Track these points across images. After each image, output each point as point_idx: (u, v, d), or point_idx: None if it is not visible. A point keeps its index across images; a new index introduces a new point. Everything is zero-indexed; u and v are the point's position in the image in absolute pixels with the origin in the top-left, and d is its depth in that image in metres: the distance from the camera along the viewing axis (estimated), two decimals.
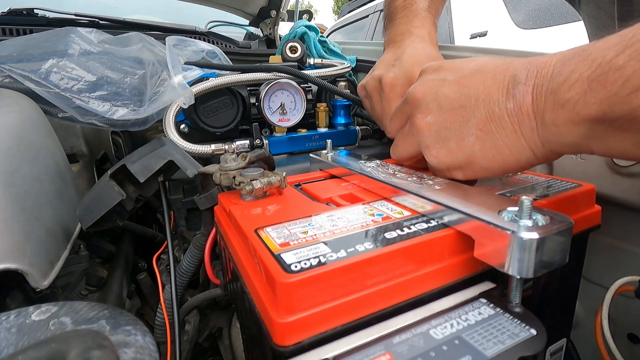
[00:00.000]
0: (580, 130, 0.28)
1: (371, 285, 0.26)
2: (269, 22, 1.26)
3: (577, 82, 0.27)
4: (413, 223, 0.31)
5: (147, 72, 0.63)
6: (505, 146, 0.34)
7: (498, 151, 0.34)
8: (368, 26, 3.41)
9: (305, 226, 0.31)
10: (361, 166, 0.44)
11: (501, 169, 0.35)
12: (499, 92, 0.33)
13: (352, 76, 0.91)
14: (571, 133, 0.29)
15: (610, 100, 0.25)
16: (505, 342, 0.24)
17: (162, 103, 0.59)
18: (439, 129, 0.38)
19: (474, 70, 0.37)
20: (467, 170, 0.37)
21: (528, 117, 0.32)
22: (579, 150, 0.31)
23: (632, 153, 0.27)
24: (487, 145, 0.34)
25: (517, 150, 0.33)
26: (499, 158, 0.34)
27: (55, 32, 0.64)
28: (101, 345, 0.24)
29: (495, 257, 0.27)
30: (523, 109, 0.32)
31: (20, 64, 0.58)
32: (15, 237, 0.39)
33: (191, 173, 0.45)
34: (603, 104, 0.26)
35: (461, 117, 0.36)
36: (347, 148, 0.71)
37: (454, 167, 0.37)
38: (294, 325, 0.23)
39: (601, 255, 0.51)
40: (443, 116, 0.37)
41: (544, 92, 0.30)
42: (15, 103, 0.51)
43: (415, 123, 0.40)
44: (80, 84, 0.59)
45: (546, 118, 0.30)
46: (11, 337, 0.30)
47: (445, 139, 0.37)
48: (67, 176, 0.55)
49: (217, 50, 0.77)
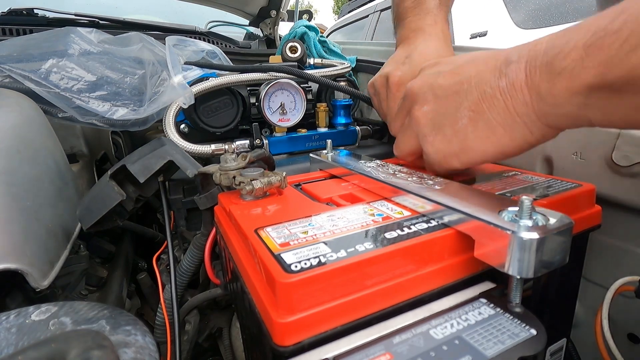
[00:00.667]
0: (579, 98, 0.28)
1: (371, 285, 0.26)
2: (269, 22, 1.26)
3: (573, 50, 0.27)
4: (413, 223, 0.31)
5: (147, 72, 0.63)
6: (499, 125, 0.34)
7: (491, 131, 0.34)
8: (368, 26, 3.41)
9: (305, 226, 0.31)
10: (361, 166, 0.44)
11: (497, 151, 0.35)
12: (491, 74, 0.34)
13: (352, 76, 0.91)
14: (569, 102, 0.29)
15: (608, 63, 0.25)
16: (505, 342, 0.24)
17: (162, 103, 0.59)
18: (434, 117, 0.38)
19: (468, 59, 0.37)
20: (462, 156, 0.37)
21: (521, 92, 0.32)
22: (577, 123, 0.30)
23: (633, 118, 0.27)
24: (480, 126, 0.35)
25: (510, 127, 0.33)
26: (493, 138, 0.34)
27: (55, 32, 0.64)
28: (101, 345, 0.24)
29: (496, 257, 0.27)
30: (516, 85, 0.32)
31: (20, 64, 0.58)
32: (15, 237, 0.39)
33: (191, 173, 0.45)
34: (600, 66, 0.26)
35: (455, 103, 0.36)
36: (347, 148, 0.71)
37: (450, 153, 0.37)
38: (294, 325, 0.23)
39: (601, 255, 0.51)
40: (438, 104, 0.38)
41: (538, 65, 0.30)
42: (16, 103, 0.51)
43: (413, 115, 0.40)
44: (80, 84, 0.59)
45: (542, 90, 0.30)
46: (11, 337, 0.30)
47: (440, 126, 0.38)
48: (67, 176, 0.55)
49: (217, 50, 0.77)
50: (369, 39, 3.28)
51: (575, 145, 0.51)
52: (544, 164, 0.55)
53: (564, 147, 0.52)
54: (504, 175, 0.43)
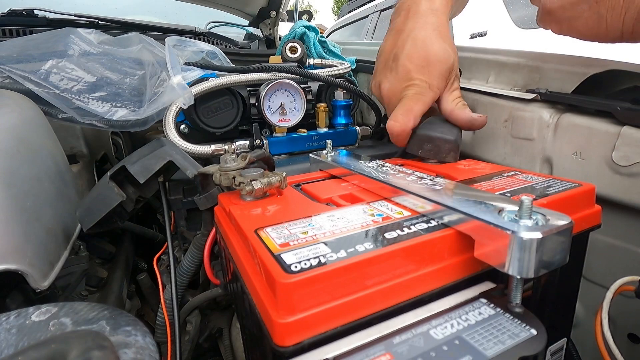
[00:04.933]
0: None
1: (371, 285, 0.26)
2: (269, 23, 1.26)
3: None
4: (413, 223, 0.31)
5: (146, 73, 0.63)
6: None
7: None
8: (368, 26, 3.41)
9: (305, 226, 0.31)
10: (361, 166, 0.44)
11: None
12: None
13: (352, 76, 0.91)
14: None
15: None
16: (505, 342, 0.24)
17: (161, 104, 0.59)
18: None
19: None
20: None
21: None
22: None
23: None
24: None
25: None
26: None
27: (55, 33, 0.64)
28: (101, 345, 0.24)
29: (496, 257, 0.27)
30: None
31: (20, 65, 0.58)
32: (15, 237, 0.39)
33: (191, 173, 0.45)
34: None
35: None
36: (347, 148, 0.71)
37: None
38: (294, 325, 0.23)
39: (601, 255, 0.51)
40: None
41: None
42: (15, 104, 0.51)
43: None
44: (80, 85, 0.59)
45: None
46: (11, 338, 0.30)
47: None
48: (67, 177, 0.55)
49: (217, 50, 0.77)
50: (369, 39, 3.28)
51: (575, 145, 0.51)
52: (544, 164, 0.55)
53: (564, 147, 0.52)
54: (504, 175, 0.43)
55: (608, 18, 0.41)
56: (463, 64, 0.69)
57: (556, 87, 0.55)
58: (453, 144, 0.50)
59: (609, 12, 0.40)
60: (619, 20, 0.40)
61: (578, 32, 0.44)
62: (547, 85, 0.56)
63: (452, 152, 0.50)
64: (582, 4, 0.42)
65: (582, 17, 0.42)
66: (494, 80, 0.64)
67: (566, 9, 0.43)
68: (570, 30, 0.45)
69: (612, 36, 0.42)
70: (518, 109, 0.57)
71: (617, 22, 0.40)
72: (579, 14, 0.42)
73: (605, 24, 0.41)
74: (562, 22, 0.45)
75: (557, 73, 0.55)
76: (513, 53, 0.62)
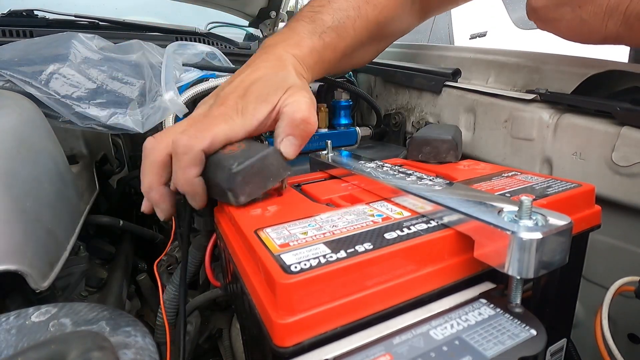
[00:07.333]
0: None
1: (371, 285, 0.26)
2: (269, 23, 1.26)
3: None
4: (413, 223, 0.31)
5: (146, 82, 0.63)
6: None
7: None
8: None
9: (305, 227, 0.31)
10: (361, 167, 0.44)
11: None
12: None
13: (352, 77, 0.91)
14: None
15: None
16: (505, 342, 0.24)
17: (158, 117, 0.59)
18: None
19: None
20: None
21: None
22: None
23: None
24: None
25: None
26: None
27: (56, 38, 0.63)
28: (101, 346, 0.24)
29: (495, 258, 0.27)
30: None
31: (20, 69, 0.58)
32: (15, 238, 0.39)
33: None
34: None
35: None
36: (347, 149, 0.71)
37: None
38: (294, 326, 0.23)
39: (601, 255, 0.51)
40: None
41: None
42: (15, 104, 0.51)
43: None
44: (80, 91, 0.59)
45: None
46: (11, 339, 0.30)
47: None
48: (67, 177, 0.55)
49: (217, 51, 0.77)
50: None
51: (575, 145, 0.51)
52: (544, 164, 0.55)
53: (564, 147, 0.52)
54: (504, 175, 0.43)
55: (591, 23, 0.41)
56: (463, 65, 0.69)
57: (556, 88, 0.55)
58: (451, 143, 0.50)
59: (592, 17, 0.40)
60: (602, 26, 0.40)
61: (561, 32, 0.45)
62: (547, 85, 0.56)
63: (452, 151, 0.50)
64: (565, 7, 0.42)
65: (565, 20, 0.42)
66: (494, 81, 0.64)
67: (550, 10, 0.44)
68: (553, 30, 0.45)
69: (594, 39, 0.42)
70: (518, 109, 0.57)
71: (599, 27, 0.40)
72: (562, 16, 0.43)
73: (588, 28, 0.41)
74: (545, 22, 0.45)
75: (557, 73, 0.56)
76: (513, 53, 0.62)
